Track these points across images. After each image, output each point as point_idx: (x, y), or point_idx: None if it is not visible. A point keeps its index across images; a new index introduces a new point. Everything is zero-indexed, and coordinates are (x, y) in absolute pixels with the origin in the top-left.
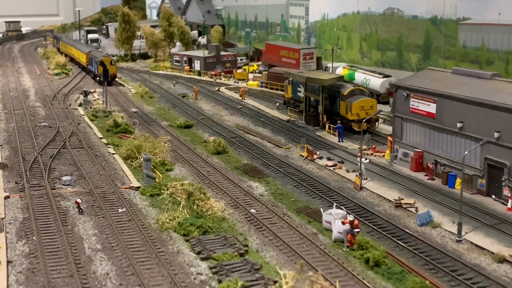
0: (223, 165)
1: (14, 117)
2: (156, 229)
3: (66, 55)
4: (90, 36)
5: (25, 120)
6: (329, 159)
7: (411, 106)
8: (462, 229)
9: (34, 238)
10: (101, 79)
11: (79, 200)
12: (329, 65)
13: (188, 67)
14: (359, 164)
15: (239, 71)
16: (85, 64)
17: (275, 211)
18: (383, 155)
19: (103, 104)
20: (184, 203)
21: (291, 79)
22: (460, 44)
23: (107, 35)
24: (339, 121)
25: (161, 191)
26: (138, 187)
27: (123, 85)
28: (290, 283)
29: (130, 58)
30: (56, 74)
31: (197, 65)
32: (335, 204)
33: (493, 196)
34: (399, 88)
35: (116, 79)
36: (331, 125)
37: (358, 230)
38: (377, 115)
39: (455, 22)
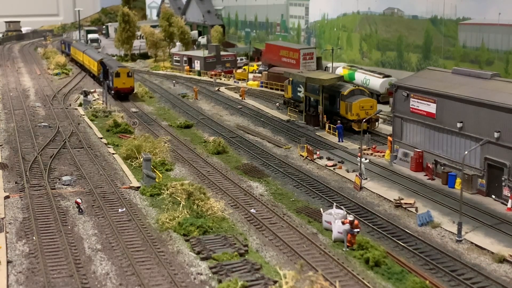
0: (223, 165)
1: (14, 117)
2: (156, 229)
3: (76, 62)
4: (90, 36)
5: (25, 120)
6: (329, 159)
7: (411, 106)
8: (462, 229)
9: (34, 238)
10: (113, 94)
11: (79, 200)
12: (329, 65)
13: (188, 67)
14: (359, 164)
15: (239, 71)
16: (97, 73)
17: (275, 211)
18: (383, 155)
19: (103, 104)
20: (184, 203)
21: (291, 79)
22: (460, 44)
23: (107, 35)
24: (339, 121)
25: (161, 191)
26: (138, 187)
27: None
28: (290, 283)
29: (130, 58)
30: (56, 74)
31: (197, 65)
32: (335, 204)
33: (493, 196)
34: (399, 88)
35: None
36: (331, 125)
37: (358, 230)
38: (377, 115)
39: (455, 22)
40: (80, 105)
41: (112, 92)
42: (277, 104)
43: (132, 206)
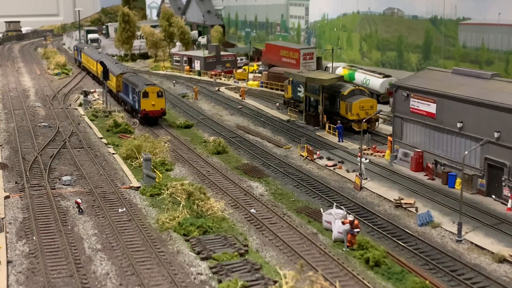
0: (223, 165)
1: (14, 117)
2: (156, 229)
3: (88, 72)
4: (90, 36)
5: (25, 120)
6: (329, 159)
7: (411, 106)
8: (462, 229)
9: (34, 238)
10: (140, 118)
11: (79, 200)
12: (329, 65)
13: (188, 67)
14: (359, 164)
15: (239, 71)
16: (115, 89)
17: (275, 211)
18: (383, 155)
19: (103, 104)
20: (184, 203)
21: (291, 79)
22: (460, 44)
23: (107, 35)
24: (339, 121)
25: (161, 191)
26: (138, 187)
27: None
28: (290, 283)
29: (130, 58)
30: (56, 74)
31: (197, 65)
32: (335, 204)
33: (493, 196)
34: (399, 88)
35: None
36: (331, 125)
37: (358, 230)
38: (377, 115)
39: (455, 22)
40: (80, 105)
41: (139, 116)
42: (277, 104)
43: (132, 206)
